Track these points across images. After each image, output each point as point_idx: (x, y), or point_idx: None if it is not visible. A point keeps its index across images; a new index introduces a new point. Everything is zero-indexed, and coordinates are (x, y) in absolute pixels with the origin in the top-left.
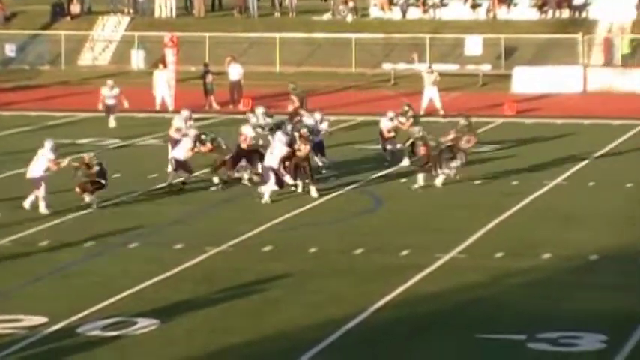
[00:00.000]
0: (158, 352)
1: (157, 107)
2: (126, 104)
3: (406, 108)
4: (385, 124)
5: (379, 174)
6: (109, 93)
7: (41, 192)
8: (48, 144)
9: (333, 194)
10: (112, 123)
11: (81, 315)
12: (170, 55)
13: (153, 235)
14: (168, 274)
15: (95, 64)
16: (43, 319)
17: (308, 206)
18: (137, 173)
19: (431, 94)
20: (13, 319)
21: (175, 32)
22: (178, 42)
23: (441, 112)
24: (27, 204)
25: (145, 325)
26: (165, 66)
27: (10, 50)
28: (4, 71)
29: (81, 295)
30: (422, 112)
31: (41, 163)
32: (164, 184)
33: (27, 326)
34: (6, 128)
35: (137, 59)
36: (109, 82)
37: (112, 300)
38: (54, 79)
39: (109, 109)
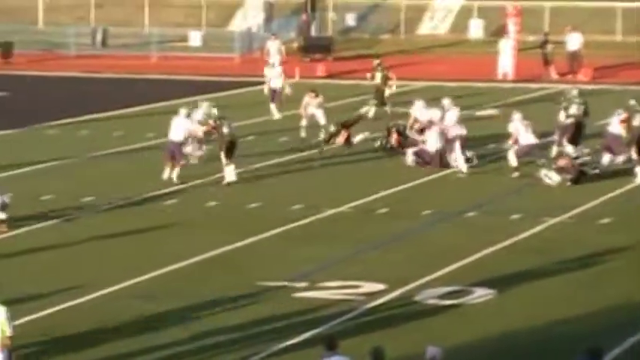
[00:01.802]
0: (493, 323)
1: (499, 76)
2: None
3: None
4: None
5: None
6: (270, 72)
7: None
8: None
9: None
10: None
11: (418, 283)
12: (512, 24)
13: (490, 204)
14: (505, 244)
15: (434, 33)
16: (381, 287)
17: None
18: (477, 144)
19: None
20: (352, 285)
21: (515, 1)
22: (520, 11)
23: None
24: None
25: (481, 294)
26: (505, 35)
27: (350, 19)
28: (344, 40)
29: (418, 263)
30: None
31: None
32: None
33: (366, 292)
34: (346, 97)
35: (475, 28)
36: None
37: (450, 269)
38: (393, 48)
39: (273, 93)
